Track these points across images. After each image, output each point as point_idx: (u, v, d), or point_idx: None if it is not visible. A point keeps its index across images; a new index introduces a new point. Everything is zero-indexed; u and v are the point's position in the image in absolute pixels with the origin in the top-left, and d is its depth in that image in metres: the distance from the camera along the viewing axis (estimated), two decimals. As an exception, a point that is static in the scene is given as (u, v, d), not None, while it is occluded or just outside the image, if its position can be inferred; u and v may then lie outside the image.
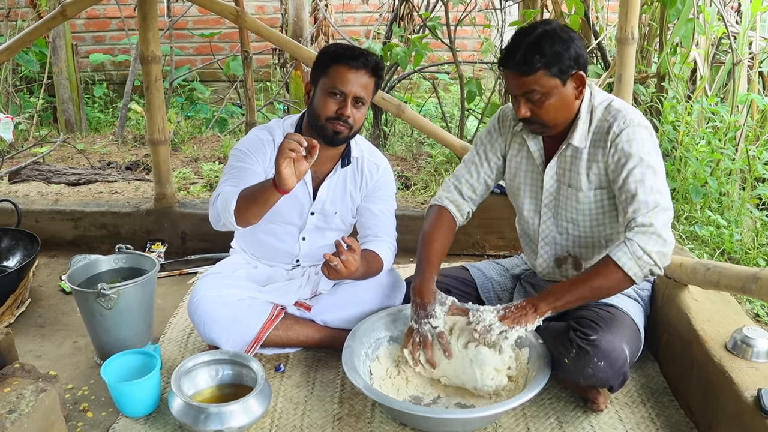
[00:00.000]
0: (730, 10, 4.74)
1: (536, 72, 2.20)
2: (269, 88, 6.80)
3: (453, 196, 2.62)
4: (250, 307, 2.60)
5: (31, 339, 2.97)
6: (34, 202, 4.05)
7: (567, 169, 2.42)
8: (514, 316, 2.26)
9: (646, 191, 2.20)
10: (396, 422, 2.35)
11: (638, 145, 2.24)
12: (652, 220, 2.16)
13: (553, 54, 2.19)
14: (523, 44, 2.21)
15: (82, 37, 7.47)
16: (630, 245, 2.16)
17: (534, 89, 2.23)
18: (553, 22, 2.28)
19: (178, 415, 2.25)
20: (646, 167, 2.22)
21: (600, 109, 2.34)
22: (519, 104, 2.29)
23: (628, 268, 2.16)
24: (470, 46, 7.12)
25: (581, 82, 2.28)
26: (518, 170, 2.56)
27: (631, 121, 2.27)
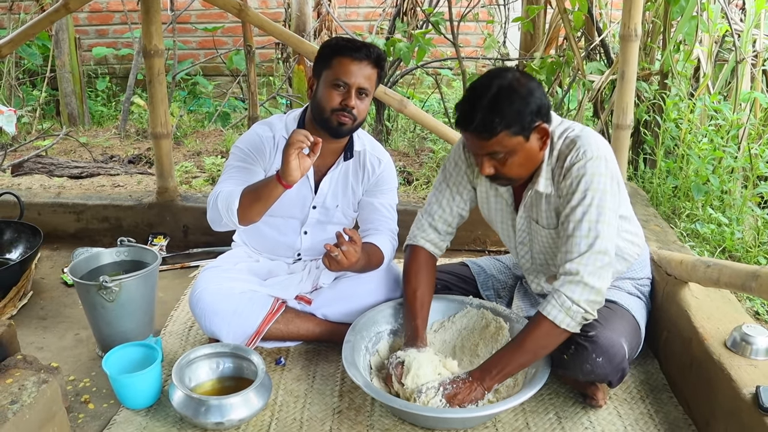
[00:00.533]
0: (734, 8, 4.73)
1: (498, 134, 2.11)
2: (272, 82, 6.79)
3: (429, 236, 2.58)
4: (251, 301, 2.61)
5: (33, 331, 2.98)
6: (37, 194, 4.06)
7: (534, 206, 2.38)
8: (463, 395, 2.22)
9: (581, 233, 2.16)
10: (395, 417, 2.36)
11: (586, 180, 2.17)
12: (579, 267, 2.14)
13: (513, 113, 2.09)
14: (480, 107, 2.10)
15: (85, 30, 7.47)
16: (558, 297, 2.15)
17: (496, 150, 2.15)
18: (509, 73, 2.17)
19: (178, 408, 2.26)
20: (588, 206, 2.16)
21: (558, 144, 2.26)
22: (482, 163, 2.21)
23: (560, 321, 2.14)
24: (473, 42, 7.12)
25: (545, 133, 2.19)
26: (489, 206, 2.54)
27: (583, 154, 2.18)
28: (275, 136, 2.65)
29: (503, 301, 2.74)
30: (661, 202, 3.95)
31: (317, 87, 2.54)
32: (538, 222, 2.39)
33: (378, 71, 2.53)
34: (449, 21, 4.71)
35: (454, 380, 2.26)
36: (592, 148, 2.20)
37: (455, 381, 2.26)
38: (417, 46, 4.43)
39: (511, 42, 5.86)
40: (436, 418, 2.24)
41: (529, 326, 2.23)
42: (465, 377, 2.26)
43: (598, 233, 2.15)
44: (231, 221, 2.44)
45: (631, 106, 3.40)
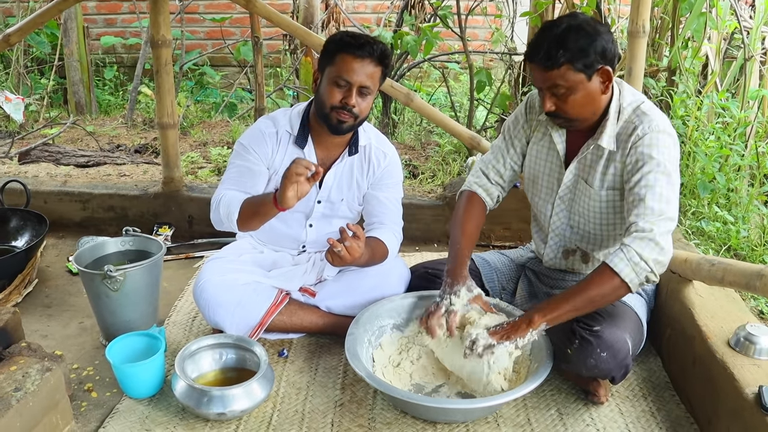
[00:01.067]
0: (743, 5, 4.70)
1: (561, 66, 2.16)
2: (279, 73, 6.79)
3: (482, 182, 2.62)
4: (254, 292, 2.62)
5: (37, 319, 2.99)
6: (43, 183, 4.07)
7: (587, 165, 2.39)
8: (504, 331, 2.22)
9: (654, 197, 2.17)
10: (397, 410, 2.36)
11: (658, 150, 2.20)
12: (653, 226, 2.13)
13: (577, 48, 2.14)
14: (548, 38, 2.16)
15: (94, 19, 7.47)
16: (627, 251, 2.13)
17: (559, 84, 2.19)
18: (580, 15, 2.24)
19: (181, 398, 2.27)
20: (661, 174, 2.19)
21: (628, 110, 2.30)
22: (544, 98, 2.26)
23: (625, 275, 2.12)
24: (481, 36, 7.10)
25: (608, 76, 2.23)
26: (538, 158, 2.55)
27: (656, 126, 2.23)
28: (278, 131, 2.65)
29: (507, 292, 2.75)
30: (666, 199, 3.93)
31: (321, 82, 2.54)
32: (587, 181, 2.40)
33: (382, 68, 2.51)
34: (457, 14, 4.70)
35: (502, 323, 2.28)
36: (665, 124, 2.26)
37: (502, 324, 2.27)
38: (424, 40, 4.43)
39: (519, 36, 5.83)
40: (437, 409, 2.25)
41: (591, 275, 2.22)
42: (514, 319, 2.27)
43: (669, 200, 2.18)
44: (232, 228, 2.52)
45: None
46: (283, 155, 2.64)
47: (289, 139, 2.65)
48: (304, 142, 2.63)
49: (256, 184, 2.62)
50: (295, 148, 2.64)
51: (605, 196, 2.37)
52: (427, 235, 3.77)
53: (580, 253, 2.56)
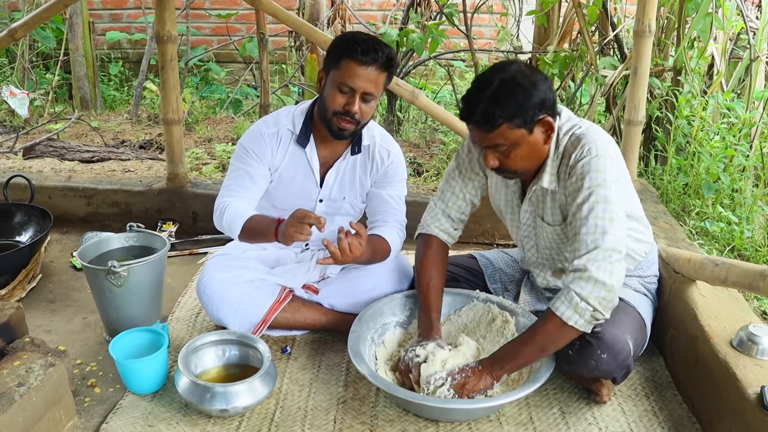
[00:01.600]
0: (749, 5, 4.70)
1: (499, 127, 2.10)
2: (285, 70, 6.79)
3: (442, 224, 2.58)
4: (258, 289, 2.63)
5: (41, 314, 3.00)
6: (48, 178, 4.08)
7: (538, 203, 2.38)
8: (471, 385, 2.22)
9: (588, 230, 2.13)
10: (399, 408, 2.36)
11: (591, 177, 2.14)
12: (587, 263, 2.10)
13: (515, 105, 2.09)
14: (482, 99, 2.10)
15: (99, 14, 7.48)
16: (567, 293, 2.12)
17: (499, 143, 2.15)
18: (513, 66, 2.16)
19: (184, 394, 2.27)
20: (595, 202, 2.13)
21: (564, 141, 2.25)
22: (486, 156, 2.21)
23: (567, 318, 2.11)
24: (487, 34, 7.09)
25: (549, 126, 2.18)
26: (498, 195, 2.55)
27: (588, 151, 2.17)
28: (279, 131, 2.64)
29: (510, 294, 2.74)
30: (671, 199, 3.94)
31: (325, 84, 2.52)
32: (543, 219, 2.38)
33: (387, 73, 2.49)
34: (463, 12, 4.70)
35: (463, 369, 2.26)
36: (597, 145, 2.18)
37: (464, 370, 2.26)
38: (430, 37, 4.43)
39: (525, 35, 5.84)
40: (440, 408, 2.25)
41: (540, 322, 2.22)
42: (474, 366, 2.26)
43: (606, 230, 2.12)
44: (233, 237, 2.58)
45: (643, 103, 3.39)
46: (284, 154, 2.64)
47: (290, 137, 2.65)
48: (306, 141, 2.63)
49: (257, 188, 2.64)
50: (297, 146, 2.64)
51: (561, 230, 2.36)
52: (430, 233, 3.76)
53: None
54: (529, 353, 2.22)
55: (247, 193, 2.61)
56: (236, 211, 2.52)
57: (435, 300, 2.52)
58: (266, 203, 2.73)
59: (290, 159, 2.65)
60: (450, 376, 2.25)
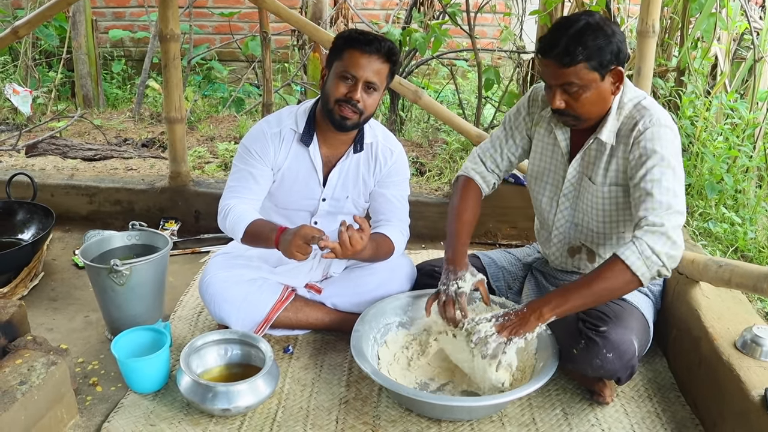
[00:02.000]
0: (753, 6, 4.69)
1: (577, 64, 2.14)
2: (287, 69, 6.79)
3: (479, 168, 2.63)
4: (260, 288, 2.62)
5: (43, 312, 3.00)
6: (50, 176, 4.08)
7: (590, 161, 2.39)
8: (513, 326, 2.19)
9: (661, 191, 2.14)
10: (402, 407, 2.36)
11: (661, 144, 2.18)
12: (664, 220, 2.10)
13: (595, 47, 2.13)
14: (566, 35, 2.14)
15: (102, 12, 7.48)
16: (639, 244, 2.10)
17: (572, 81, 2.17)
18: (596, 14, 2.22)
19: (186, 393, 2.27)
20: (666, 167, 2.16)
21: (629, 106, 2.29)
22: (554, 95, 2.23)
23: (636, 268, 2.09)
24: (490, 34, 7.09)
25: (619, 77, 2.23)
26: (543, 155, 2.54)
27: (657, 121, 2.21)
28: (281, 130, 2.64)
29: (513, 292, 2.74)
30: (674, 200, 3.92)
31: (327, 77, 2.54)
32: (590, 178, 2.39)
33: (390, 65, 2.50)
34: (466, 12, 4.69)
35: (507, 313, 2.25)
36: (666, 119, 2.25)
37: (508, 314, 2.24)
38: (433, 37, 4.42)
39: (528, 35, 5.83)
40: (443, 406, 2.25)
41: (602, 267, 2.18)
42: (520, 309, 2.24)
43: (677, 193, 2.16)
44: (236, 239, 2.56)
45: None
46: (287, 153, 2.64)
47: (293, 137, 2.64)
48: (309, 140, 2.63)
49: (260, 189, 2.63)
50: (300, 146, 2.64)
51: (608, 193, 2.37)
52: (433, 233, 3.76)
53: (586, 251, 2.55)
54: (581, 297, 2.16)
55: (251, 194, 2.61)
56: (239, 215, 2.52)
57: (465, 231, 2.54)
58: (269, 203, 2.73)
59: (293, 158, 2.64)
60: (494, 317, 2.25)
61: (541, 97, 2.52)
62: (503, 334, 2.19)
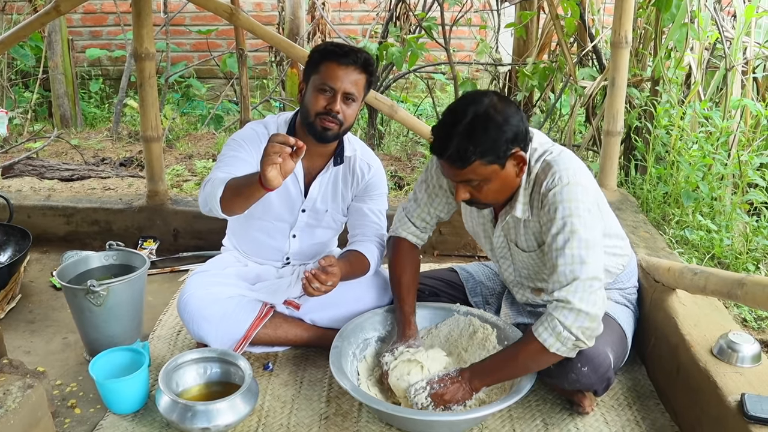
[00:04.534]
0: (724, 16, 4.75)
1: (472, 164, 2.08)
2: (266, 85, 6.80)
3: (408, 228, 2.61)
4: (239, 305, 2.61)
5: (20, 334, 2.97)
6: (27, 197, 4.05)
7: (511, 229, 2.37)
8: (449, 395, 2.23)
9: (565, 261, 2.11)
10: (382, 422, 2.36)
11: (563, 206, 2.13)
12: (568, 296, 2.08)
13: (488, 142, 2.06)
14: (455, 134, 2.06)
15: (79, 31, 7.47)
16: (550, 321, 2.11)
17: (471, 178, 2.13)
18: (485, 99, 2.12)
19: (165, 413, 2.25)
20: (569, 233, 2.11)
21: (536, 167, 2.23)
22: (457, 190, 2.19)
23: (550, 345, 2.11)
24: (467, 47, 7.13)
25: (521, 160, 2.16)
26: (471, 217, 2.55)
27: (559, 180, 2.15)
28: (269, 131, 2.65)
29: (491, 307, 2.74)
30: (651, 209, 3.96)
31: (306, 91, 2.54)
32: (517, 245, 2.38)
33: (366, 76, 2.52)
34: (441, 26, 4.72)
35: (443, 378, 2.27)
36: (568, 173, 2.16)
37: (443, 379, 2.26)
38: (409, 51, 4.44)
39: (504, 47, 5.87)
40: (423, 421, 2.25)
41: (522, 342, 2.22)
42: (454, 375, 2.27)
43: (583, 259, 2.11)
44: (215, 208, 2.37)
45: (621, 113, 3.42)
46: None
47: None
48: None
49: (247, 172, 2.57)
50: None
51: (537, 255, 2.36)
52: (412, 246, 3.76)
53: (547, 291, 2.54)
54: (511, 370, 2.25)
55: (238, 173, 2.44)
56: (217, 179, 2.38)
57: (407, 295, 2.54)
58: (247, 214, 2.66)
59: None
60: (429, 384, 2.26)
61: None
62: (440, 403, 2.24)
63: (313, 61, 2.52)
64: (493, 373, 2.25)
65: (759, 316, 3.04)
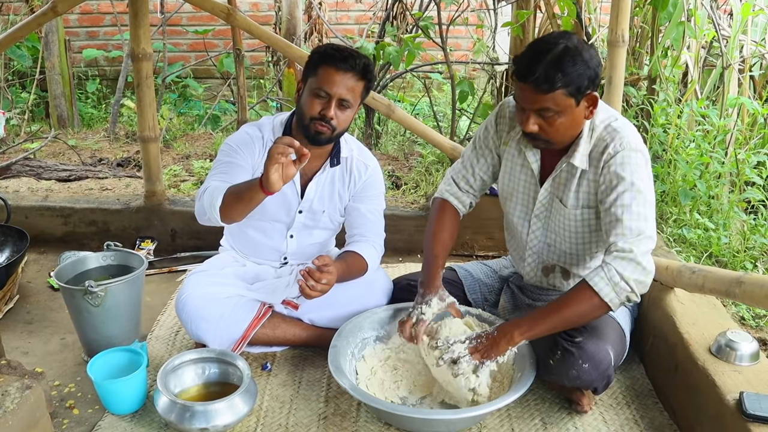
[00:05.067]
0: (721, 14, 4.75)
1: (555, 91, 2.11)
2: (263, 85, 6.79)
3: (453, 189, 2.63)
4: (237, 305, 2.61)
5: (18, 335, 2.97)
6: (24, 198, 4.05)
7: (561, 183, 2.38)
8: (485, 349, 2.22)
9: (631, 217, 2.15)
10: (381, 422, 2.36)
11: (631, 169, 2.19)
12: (633, 246, 2.11)
13: (574, 74, 2.11)
14: (545, 60, 2.10)
15: (76, 32, 7.45)
16: (607, 270, 2.12)
17: (549, 107, 2.15)
18: (573, 36, 2.19)
19: (163, 413, 2.25)
20: (636, 192, 2.17)
21: (600, 128, 2.28)
22: (528, 118, 2.20)
23: (605, 294, 2.11)
24: (464, 46, 7.13)
25: (594, 102, 2.21)
26: (513, 176, 2.53)
27: (627, 144, 2.21)
28: (264, 136, 2.66)
29: (489, 304, 2.75)
30: (648, 207, 3.96)
31: (303, 92, 2.55)
32: (561, 200, 2.38)
33: (365, 82, 2.52)
34: (438, 25, 4.72)
35: (480, 335, 2.26)
36: (637, 142, 2.24)
37: (480, 336, 2.26)
38: (406, 50, 4.44)
39: (501, 46, 5.86)
40: (421, 420, 2.25)
41: (571, 292, 2.20)
42: (491, 332, 2.25)
43: (647, 218, 2.16)
44: (214, 217, 2.41)
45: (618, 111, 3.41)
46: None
47: None
48: None
49: (243, 179, 2.57)
50: None
51: (580, 215, 2.37)
52: (410, 246, 3.77)
53: (560, 270, 2.56)
54: (552, 322, 2.19)
55: (233, 180, 2.49)
56: (215, 187, 2.42)
57: (441, 253, 2.54)
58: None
59: None
60: (468, 340, 2.26)
61: (509, 115, 2.50)
62: (475, 357, 2.22)
63: (312, 62, 2.52)
64: (536, 323, 2.20)
65: (757, 315, 3.04)
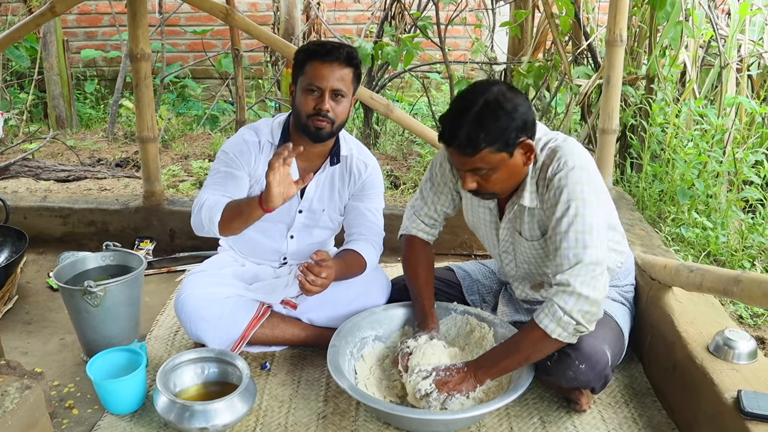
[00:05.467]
0: (719, 13, 4.76)
1: (481, 151, 2.08)
2: (261, 85, 6.79)
3: (419, 225, 2.63)
4: (236, 305, 2.61)
5: (17, 336, 2.97)
6: (23, 198, 4.05)
7: (517, 218, 2.37)
8: (453, 383, 2.24)
9: (569, 245, 2.12)
10: (380, 421, 2.36)
11: (569, 190, 2.13)
12: (570, 278, 2.10)
13: (497, 130, 2.06)
14: (465, 122, 2.07)
15: (74, 32, 7.46)
16: (550, 306, 2.12)
17: (479, 167, 2.13)
18: (494, 87, 2.13)
19: (163, 413, 2.25)
20: (574, 216, 2.12)
21: (543, 155, 2.24)
22: (464, 178, 2.19)
23: (551, 331, 2.12)
24: (462, 46, 7.14)
25: (529, 148, 2.16)
26: (475, 213, 2.53)
27: (564, 164, 2.16)
28: (261, 141, 2.66)
29: (488, 305, 2.74)
30: (647, 206, 3.97)
31: (295, 93, 2.55)
32: (521, 234, 2.38)
33: (352, 69, 2.52)
34: (437, 25, 4.72)
35: (449, 368, 2.28)
36: (573, 158, 2.17)
37: (449, 368, 2.27)
38: (405, 50, 4.44)
39: (499, 46, 5.87)
40: (420, 420, 2.25)
41: (523, 332, 2.24)
42: (460, 366, 2.28)
43: (586, 243, 2.11)
44: (212, 232, 2.48)
45: (616, 111, 3.42)
46: (265, 164, 2.64)
47: (271, 148, 2.65)
48: None
49: (239, 190, 2.60)
50: None
51: (540, 245, 2.36)
52: (409, 246, 3.76)
53: (548, 284, 2.53)
54: (514, 361, 2.24)
55: (229, 193, 2.55)
56: (215, 202, 2.46)
57: (425, 289, 2.56)
58: None
59: None
60: (435, 371, 2.27)
61: None
62: (443, 390, 2.24)
63: (298, 62, 2.54)
64: (497, 363, 2.24)
65: (755, 313, 3.04)
